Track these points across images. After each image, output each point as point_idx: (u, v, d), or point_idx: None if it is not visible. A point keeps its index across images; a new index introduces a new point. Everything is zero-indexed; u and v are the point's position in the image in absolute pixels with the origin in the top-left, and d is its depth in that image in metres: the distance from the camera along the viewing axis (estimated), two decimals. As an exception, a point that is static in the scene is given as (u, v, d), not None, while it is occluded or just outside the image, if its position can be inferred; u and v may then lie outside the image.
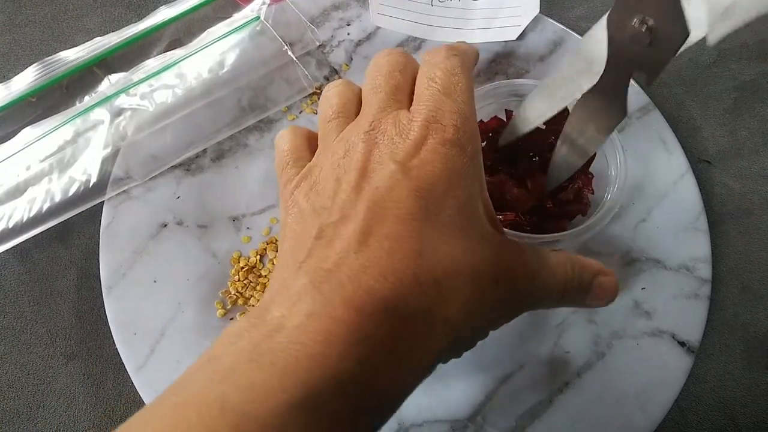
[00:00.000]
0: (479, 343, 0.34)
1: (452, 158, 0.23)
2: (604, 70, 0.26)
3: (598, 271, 0.27)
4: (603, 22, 0.25)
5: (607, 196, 0.33)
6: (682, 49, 0.23)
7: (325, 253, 0.22)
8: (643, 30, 0.23)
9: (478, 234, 0.23)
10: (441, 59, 0.26)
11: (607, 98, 0.27)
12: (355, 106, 0.27)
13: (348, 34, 0.41)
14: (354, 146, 0.24)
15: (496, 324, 0.24)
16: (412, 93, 0.26)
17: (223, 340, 0.21)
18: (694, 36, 0.22)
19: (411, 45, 0.41)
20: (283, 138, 0.28)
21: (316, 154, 0.27)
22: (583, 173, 0.34)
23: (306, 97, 0.40)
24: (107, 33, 0.41)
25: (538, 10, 0.41)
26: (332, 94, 0.28)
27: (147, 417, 0.19)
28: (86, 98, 0.39)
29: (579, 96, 0.28)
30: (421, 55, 0.28)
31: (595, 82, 0.27)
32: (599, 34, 0.26)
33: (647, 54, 0.24)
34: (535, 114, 0.31)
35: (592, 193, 0.34)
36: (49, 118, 0.38)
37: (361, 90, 0.28)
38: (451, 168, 0.23)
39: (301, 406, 0.18)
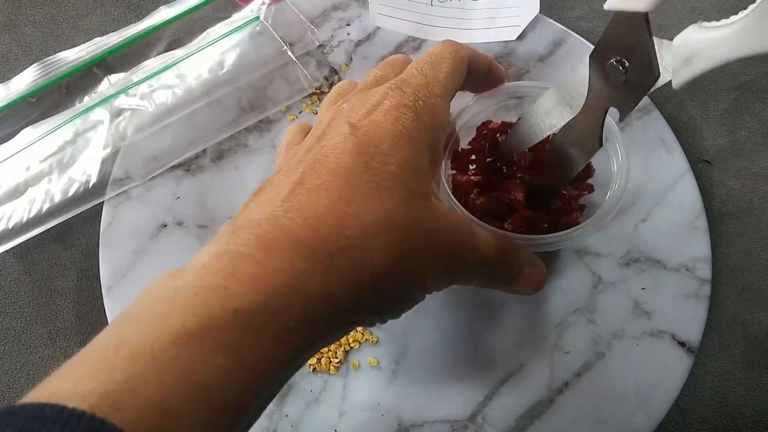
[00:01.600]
0: (479, 343, 0.34)
1: (403, 121, 0.24)
2: (585, 102, 0.28)
3: (528, 261, 0.28)
4: (586, 59, 0.27)
5: (609, 195, 0.33)
6: (653, 89, 0.25)
7: (256, 205, 0.23)
8: (620, 69, 0.25)
9: (419, 192, 0.24)
10: (433, 48, 0.27)
11: (585, 129, 0.29)
12: None
13: (348, 34, 0.41)
14: (323, 119, 0.26)
15: (426, 287, 0.25)
16: None
17: (142, 293, 0.21)
18: (663, 78, 0.24)
19: (411, 45, 0.41)
20: (290, 129, 0.30)
21: None
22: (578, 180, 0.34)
23: (306, 97, 0.40)
24: (107, 33, 0.41)
25: (537, 10, 0.40)
26: (333, 89, 0.30)
27: (60, 371, 0.19)
28: (86, 98, 0.39)
29: (562, 124, 0.30)
30: (421, 54, 0.28)
31: (576, 114, 0.29)
32: (582, 68, 0.28)
33: (622, 91, 0.26)
34: (522, 142, 0.32)
35: (592, 190, 0.34)
36: (48, 119, 0.38)
37: None
38: (400, 130, 0.24)
39: (196, 334, 0.18)
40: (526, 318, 0.34)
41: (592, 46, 0.39)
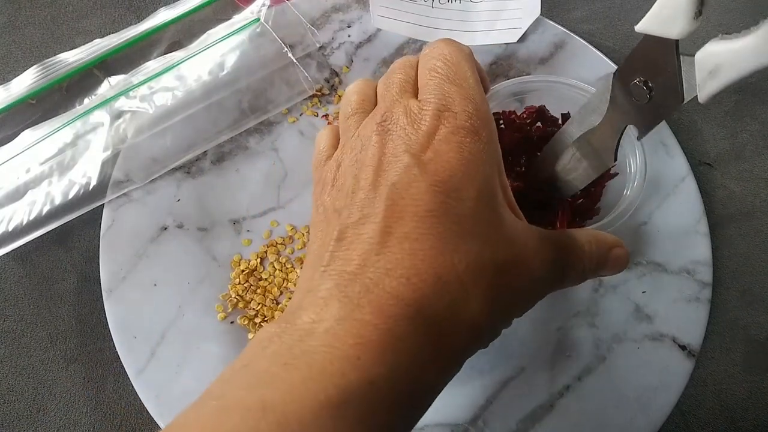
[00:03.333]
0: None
1: (467, 146, 0.23)
2: (604, 117, 0.28)
3: (613, 244, 0.28)
4: (611, 75, 0.27)
5: (627, 191, 0.33)
6: (678, 109, 0.25)
7: (348, 255, 0.22)
8: (644, 89, 0.25)
9: (499, 222, 0.23)
10: (438, 51, 0.26)
11: (601, 143, 0.29)
12: (373, 102, 0.28)
13: (348, 36, 0.41)
14: (368, 140, 0.25)
15: (520, 311, 0.25)
16: None
17: (253, 346, 0.21)
18: (688, 96, 0.24)
19: (412, 47, 0.41)
20: (321, 136, 0.29)
21: (337, 149, 0.27)
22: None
23: (306, 99, 0.40)
24: (107, 35, 0.41)
25: (539, 12, 0.40)
26: (352, 91, 0.28)
27: (187, 421, 0.19)
28: (86, 100, 0.39)
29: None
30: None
31: (593, 126, 0.29)
32: (606, 83, 0.28)
33: (643, 111, 0.26)
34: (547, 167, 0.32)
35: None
36: (48, 121, 0.38)
37: None
38: (467, 157, 0.23)
39: (337, 406, 0.19)
40: (526, 321, 0.34)
41: (593, 48, 0.40)
